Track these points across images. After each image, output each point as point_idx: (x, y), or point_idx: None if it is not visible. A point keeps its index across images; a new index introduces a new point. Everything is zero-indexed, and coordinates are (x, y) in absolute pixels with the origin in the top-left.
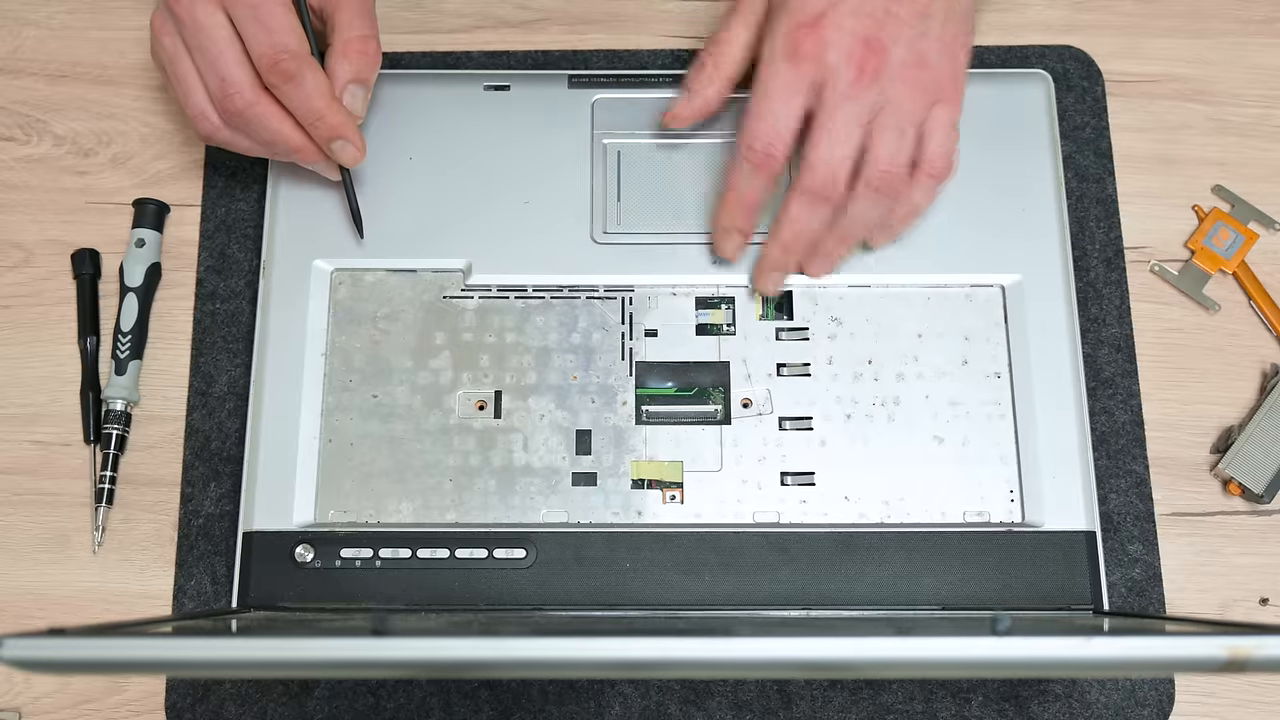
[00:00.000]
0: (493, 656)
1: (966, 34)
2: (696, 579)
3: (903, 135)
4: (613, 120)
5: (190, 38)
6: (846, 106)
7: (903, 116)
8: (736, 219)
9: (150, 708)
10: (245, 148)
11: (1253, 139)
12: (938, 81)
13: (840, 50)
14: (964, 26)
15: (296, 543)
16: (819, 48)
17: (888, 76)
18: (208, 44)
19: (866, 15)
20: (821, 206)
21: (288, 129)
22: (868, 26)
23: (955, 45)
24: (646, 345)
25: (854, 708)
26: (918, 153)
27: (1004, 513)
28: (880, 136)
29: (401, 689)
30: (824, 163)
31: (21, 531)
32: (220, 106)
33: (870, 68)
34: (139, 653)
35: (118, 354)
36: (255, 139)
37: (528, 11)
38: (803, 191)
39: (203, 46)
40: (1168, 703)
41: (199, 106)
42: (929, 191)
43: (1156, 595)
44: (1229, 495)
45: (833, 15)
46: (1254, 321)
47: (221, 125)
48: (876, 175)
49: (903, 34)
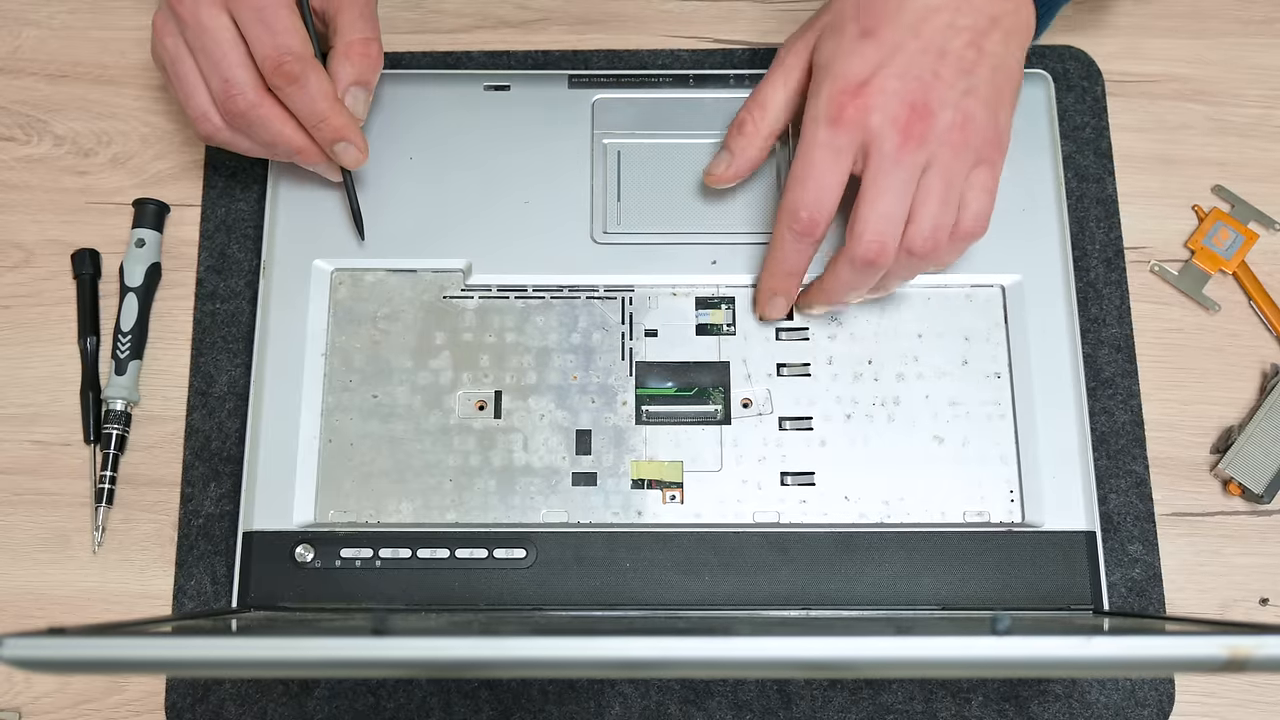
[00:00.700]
0: (493, 656)
1: (1012, 91)
2: (696, 579)
3: (946, 202)
4: (613, 120)
5: (193, 39)
6: (893, 173)
7: (948, 180)
8: (780, 284)
9: (150, 708)
10: (246, 148)
11: (1253, 139)
12: (982, 141)
13: (885, 115)
14: (1009, 84)
15: (296, 543)
16: (863, 113)
17: (934, 140)
18: (211, 45)
19: (913, 78)
20: (870, 273)
21: (290, 130)
22: (913, 90)
23: (999, 103)
24: (646, 345)
25: (854, 708)
26: (956, 215)
27: (1004, 513)
28: (925, 204)
29: (401, 689)
30: (874, 234)
31: (21, 531)
32: (223, 108)
33: (916, 133)
34: (139, 652)
35: (118, 354)
36: (257, 140)
37: (528, 11)
38: (852, 260)
39: (206, 48)
40: (1168, 703)
41: (201, 107)
42: (961, 251)
43: (1156, 595)
44: (1229, 495)
45: (878, 79)
46: (1254, 322)
47: (223, 126)
48: (919, 243)
49: (949, 96)
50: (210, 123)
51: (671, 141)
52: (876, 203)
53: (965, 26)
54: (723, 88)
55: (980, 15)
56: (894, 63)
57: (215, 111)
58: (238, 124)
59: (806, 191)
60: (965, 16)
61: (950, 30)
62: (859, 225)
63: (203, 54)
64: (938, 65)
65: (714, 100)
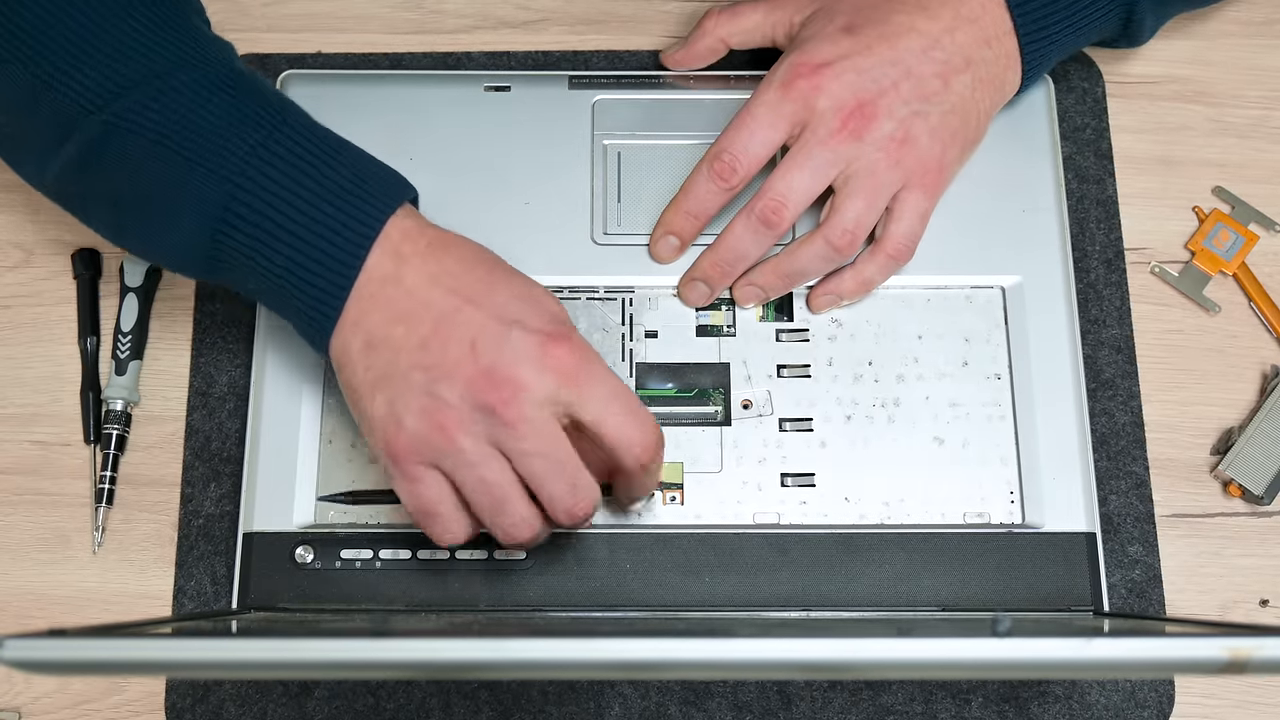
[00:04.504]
0: (493, 658)
1: (965, 133)
2: (696, 580)
3: (870, 205)
4: (613, 121)
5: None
6: (819, 152)
7: (874, 186)
8: (679, 223)
9: (150, 708)
10: None
11: (1253, 140)
12: (919, 164)
13: (832, 100)
14: (965, 127)
15: (296, 543)
16: (813, 91)
17: (870, 142)
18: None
19: (870, 79)
20: (764, 234)
21: None
22: (867, 89)
23: (948, 138)
24: (647, 346)
25: (854, 709)
26: (882, 229)
27: (1004, 514)
28: (847, 197)
29: (401, 689)
30: (777, 192)
31: (21, 531)
32: (568, 514)
33: (853, 126)
34: (139, 653)
35: (118, 354)
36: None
37: (528, 12)
38: (750, 213)
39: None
40: (1168, 704)
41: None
42: (884, 270)
43: (1157, 597)
44: (1229, 497)
45: (837, 66)
46: (1254, 323)
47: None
48: (836, 233)
49: (898, 110)
50: (530, 530)
51: (671, 142)
52: (789, 172)
53: (940, 59)
54: (723, 88)
55: (958, 54)
56: (859, 59)
57: (537, 517)
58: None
59: (737, 137)
60: (943, 50)
61: (924, 56)
62: (768, 182)
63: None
64: (899, 79)
65: (714, 100)
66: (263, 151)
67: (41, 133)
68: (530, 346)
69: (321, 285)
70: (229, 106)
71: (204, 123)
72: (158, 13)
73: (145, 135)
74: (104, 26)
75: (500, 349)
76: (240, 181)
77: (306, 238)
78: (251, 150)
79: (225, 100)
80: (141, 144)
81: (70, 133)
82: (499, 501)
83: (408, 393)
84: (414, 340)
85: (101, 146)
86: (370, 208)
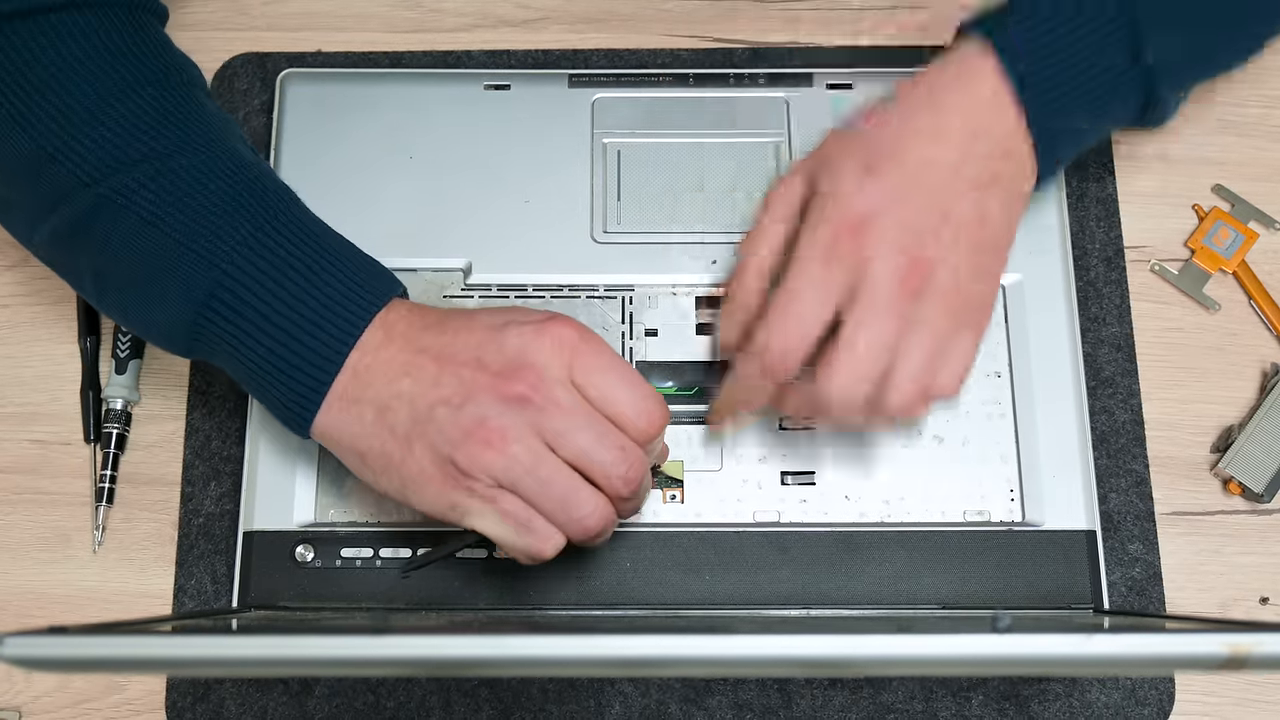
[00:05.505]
0: (493, 655)
1: (1004, 259)
2: (697, 578)
3: (927, 365)
4: (613, 120)
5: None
6: (880, 325)
7: (932, 342)
8: (730, 412)
9: (150, 707)
10: None
11: (1253, 139)
12: (972, 308)
13: (886, 263)
14: (1000, 250)
15: (297, 542)
16: (861, 254)
17: (927, 298)
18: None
19: (914, 232)
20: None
21: None
22: (913, 243)
23: (992, 272)
24: (647, 345)
25: (854, 707)
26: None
27: (1004, 512)
28: (908, 358)
29: (401, 688)
30: (842, 391)
31: (21, 531)
32: (623, 481)
33: (911, 286)
34: (140, 651)
35: (118, 353)
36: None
37: (528, 11)
38: (814, 398)
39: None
40: (1168, 702)
41: (591, 502)
42: (928, 410)
43: (1157, 594)
44: (1229, 494)
45: (880, 223)
46: (1254, 321)
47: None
48: (895, 398)
49: (948, 256)
50: (599, 517)
51: (671, 141)
52: (853, 356)
53: (969, 179)
54: (723, 87)
55: (984, 170)
56: (897, 210)
57: (604, 503)
58: (636, 494)
59: (785, 326)
60: (970, 167)
61: (953, 191)
62: (828, 376)
63: (586, 431)
64: (940, 226)
65: (714, 100)
66: (253, 243)
67: (34, 199)
68: (530, 334)
69: (301, 380)
70: (226, 194)
71: (199, 208)
72: (166, 92)
73: (139, 214)
74: (111, 102)
75: (504, 348)
76: (228, 269)
77: (290, 330)
78: (244, 240)
79: (222, 188)
80: (133, 222)
81: (61, 203)
82: (566, 495)
83: (443, 429)
84: (426, 383)
85: (90, 220)
86: (357, 305)
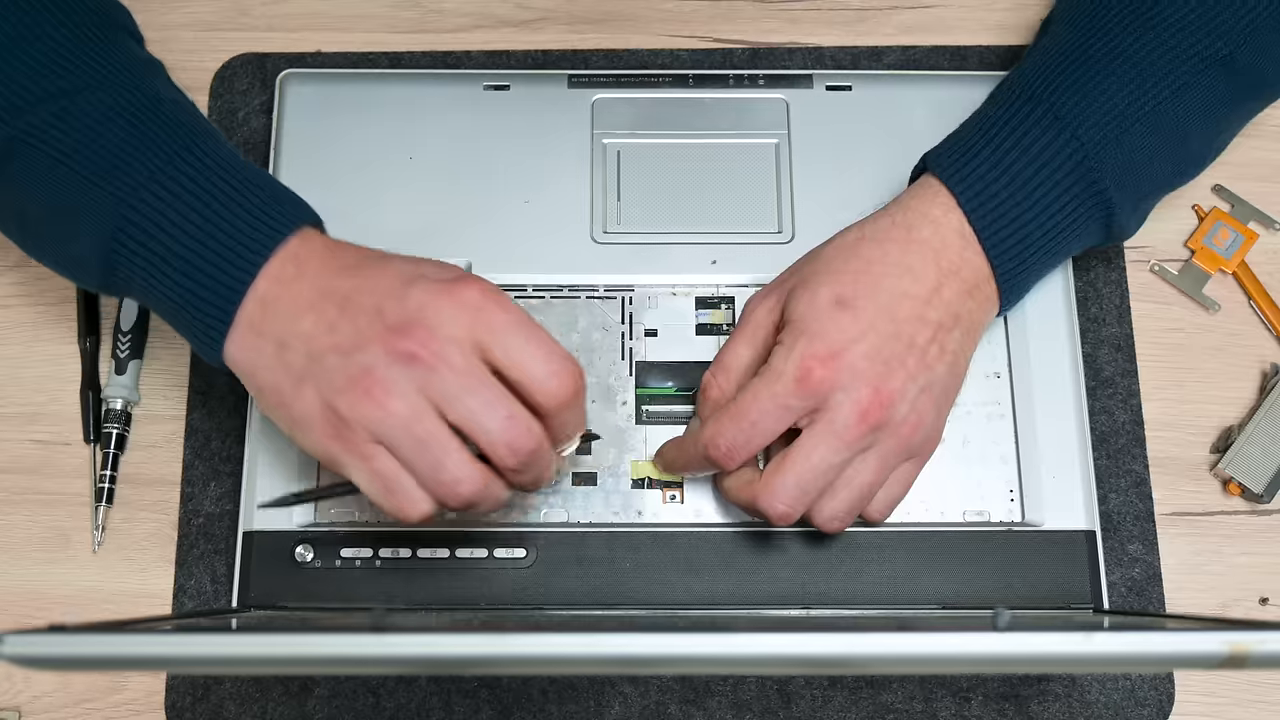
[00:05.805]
0: (493, 653)
1: (958, 389)
2: (696, 578)
3: (867, 492)
4: (613, 120)
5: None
6: (834, 447)
7: (880, 469)
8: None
9: (150, 706)
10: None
11: (1253, 139)
12: (923, 440)
13: (849, 394)
14: (956, 382)
15: (296, 542)
16: (829, 383)
17: (884, 430)
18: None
19: (881, 362)
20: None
21: None
22: (880, 375)
23: (946, 402)
24: (647, 345)
25: (854, 707)
26: None
27: (1004, 512)
28: (849, 484)
29: (401, 688)
30: (785, 501)
31: (21, 531)
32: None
33: (872, 418)
34: (140, 649)
35: (118, 353)
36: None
37: (528, 11)
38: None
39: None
40: (1168, 701)
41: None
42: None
43: (1156, 595)
44: (1229, 495)
45: (849, 355)
46: (1254, 321)
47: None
48: (825, 518)
49: (909, 389)
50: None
51: (671, 141)
52: (802, 470)
53: (933, 320)
54: (723, 88)
55: (947, 311)
56: (866, 341)
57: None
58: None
59: (740, 429)
60: (934, 310)
61: (920, 323)
62: (776, 481)
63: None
64: (905, 355)
65: (714, 100)
66: (161, 176)
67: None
68: (435, 292)
69: (208, 310)
70: (134, 130)
71: (107, 145)
72: (80, 30)
73: (48, 152)
74: (21, 43)
75: (405, 303)
76: (135, 203)
77: (195, 261)
78: (151, 175)
79: (127, 124)
80: (44, 161)
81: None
82: (439, 458)
83: (331, 376)
84: (323, 326)
85: (5, 160)
86: (261, 232)
